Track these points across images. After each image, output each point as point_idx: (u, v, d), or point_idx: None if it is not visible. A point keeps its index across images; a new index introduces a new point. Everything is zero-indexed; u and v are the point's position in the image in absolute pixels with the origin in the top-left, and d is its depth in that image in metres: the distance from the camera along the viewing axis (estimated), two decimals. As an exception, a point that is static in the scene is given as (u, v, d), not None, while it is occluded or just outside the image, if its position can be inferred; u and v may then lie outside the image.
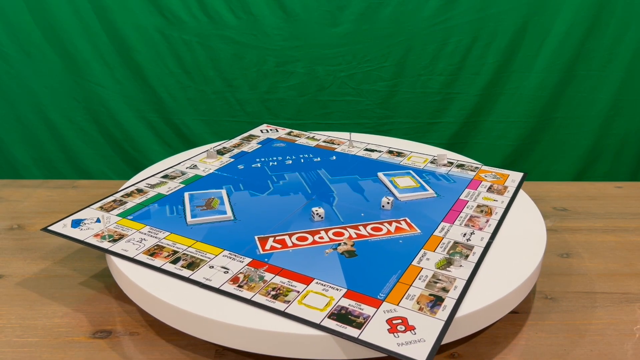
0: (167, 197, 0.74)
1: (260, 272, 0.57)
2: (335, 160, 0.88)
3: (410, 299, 0.52)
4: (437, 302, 0.52)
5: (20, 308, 0.62)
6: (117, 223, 0.67)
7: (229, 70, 1.37)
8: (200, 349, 0.55)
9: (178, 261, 0.59)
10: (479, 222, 0.68)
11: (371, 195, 0.74)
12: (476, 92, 1.39)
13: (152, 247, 0.61)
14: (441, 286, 0.54)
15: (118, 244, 0.62)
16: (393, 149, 0.92)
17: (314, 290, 0.54)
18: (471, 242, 0.63)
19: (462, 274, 0.57)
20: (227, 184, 0.79)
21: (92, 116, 1.41)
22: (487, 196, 0.75)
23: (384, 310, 0.51)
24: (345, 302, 0.52)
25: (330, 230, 0.65)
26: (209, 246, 0.62)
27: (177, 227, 0.66)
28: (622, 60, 1.36)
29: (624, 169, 1.47)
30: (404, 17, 1.33)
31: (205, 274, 0.57)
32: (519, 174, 0.83)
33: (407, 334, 0.48)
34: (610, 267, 0.72)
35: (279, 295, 0.53)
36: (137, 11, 1.31)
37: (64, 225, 0.66)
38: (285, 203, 0.73)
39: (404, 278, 0.56)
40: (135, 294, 0.56)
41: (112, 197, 0.73)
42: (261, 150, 0.93)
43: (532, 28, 1.34)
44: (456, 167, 0.85)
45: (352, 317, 0.50)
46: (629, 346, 0.57)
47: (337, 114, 1.42)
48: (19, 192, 0.91)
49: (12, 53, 1.33)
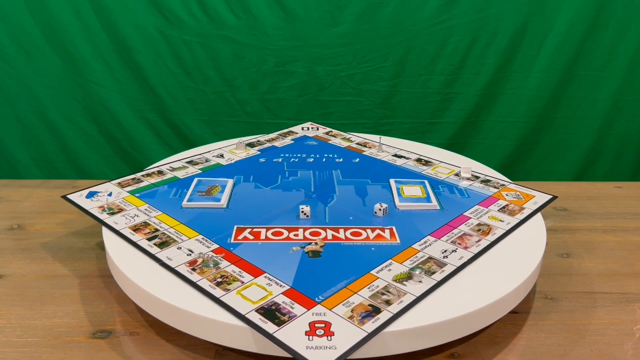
0: (180, 181, 0.78)
1: (216, 258, 0.58)
2: (357, 162, 0.87)
3: (347, 306, 0.51)
4: (371, 314, 0.50)
5: (20, 308, 0.62)
6: (123, 198, 0.72)
7: (229, 70, 1.37)
8: (200, 349, 0.55)
9: (154, 239, 0.62)
10: (468, 240, 0.63)
11: (371, 201, 0.73)
12: (476, 92, 1.39)
13: (140, 224, 0.66)
14: (386, 298, 0.52)
15: (113, 217, 0.67)
16: (422, 157, 0.89)
17: (258, 284, 0.55)
18: (447, 259, 0.59)
19: (416, 289, 0.54)
20: (239, 175, 0.81)
21: (92, 116, 1.41)
22: (495, 215, 0.69)
23: (313, 313, 0.50)
24: (280, 299, 0.52)
25: (309, 229, 0.65)
26: (188, 229, 0.65)
27: (171, 209, 0.70)
28: (622, 60, 1.36)
29: (624, 169, 1.47)
30: (404, 17, 1.33)
31: (171, 253, 0.60)
32: (545, 196, 0.75)
33: (322, 339, 0.47)
34: (610, 267, 0.72)
35: (222, 283, 0.54)
36: (137, 11, 1.31)
37: (80, 195, 0.73)
38: (284, 198, 0.74)
39: (354, 285, 0.54)
40: (135, 294, 0.56)
41: (133, 176, 0.79)
42: (291, 146, 0.94)
43: (532, 28, 1.34)
44: (480, 182, 0.79)
45: (278, 314, 0.50)
46: (629, 346, 0.57)
47: (337, 114, 1.42)
48: (19, 192, 0.91)
49: (12, 53, 1.34)
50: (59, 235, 0.77)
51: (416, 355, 0.54)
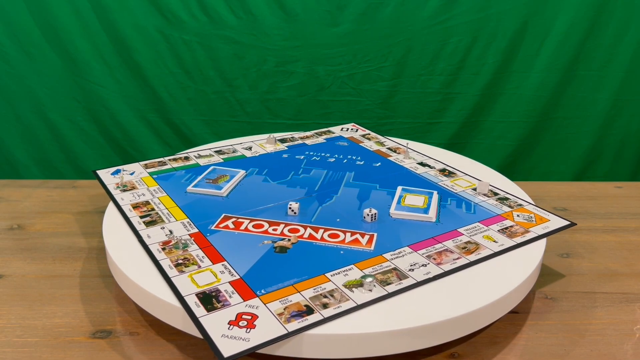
0: (199, 168, 0.81)
1: (186, 241, 0.60)
2: (378, 166, 0.84)
3: (283, 303, 0.51)
4: (302, 314, 0.49)
5: (20, 308, 0.62)
6: (141, 178, 0.76)
7: (229, 70, 1.37)
8: (200, 348, 0.55)
9: (146, 217, 0.66)
10: (446, 257, 0.59)
11: (369, 206, 0.70)
12: (476, 92, 1.39)
13: (141, 202, 0.68)
14: (326, 302, 0.51)
15: (123, 194, 0.71)
16: (448, 167, 0.84)
17: (212, 270, 0.56)
18: (411, 272, 0.56)
19: (360, 298, 0.52)
20: (255, 167, 0.82)
21: (92, 116, 1.40)
22: (490, 235, 0.64)
23: (247, 305, 0.51)
24: (224, 287, 0.53)
25: (289, 226, 0.65)
26: (180, 212, 0.68)
27: (175, 192, 0.73)
28: (622, 60, 1.36)
29: (624, 169, 1.47)
30: (404, 17, 1.33)
31: (153, 232, 0.63)
32: (561, 222, 0.68)
33: (242, 330, 0.47)
34: (610, 267, 0.72)
35: (181, 265, 0.56)
36: (137, 11, 1.31)
37: (107, 171, 0.78)
38: (284, 193, 0.74)
39: (302, 284, 0.54)
40: (135, 294, 0.56)
41: (161, 159, 0.83)
42: (321, 145, 0.93)
43: (532, 28, 1.34)
44: (497, 199, 0.73)
45: (214, 301, 0.51)
46: (629, 346, 0.57)
47: (337, 114, 1.42)
48: (19, 192, 0.91)
49: (12, 53, 1.33)
50: (59, 235, 0.77)
51: (416, 355, 0.54)
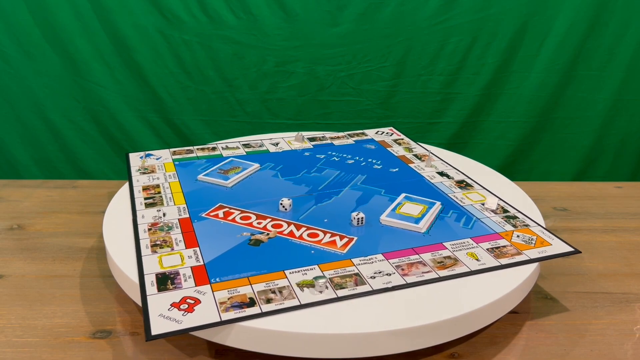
0: (221, 159, 0.83)
1: (171, 224, 0.62)
2: (394, 172, 0.82)
3: (230, 293, 0.52)
4: (242, 306, 0.50)
5: (20, 308, 0.62)
6: (163, 164, 0.80)
7: (229, 70, 1.37)
8: (200, 348, 0.55)
9: (149, 199, 0.69)
10: (414, 270, 0.57)
11: (365, 210, 0.68)
12: (476, 92, 1.39)
13: (152, 185, 0.72)
14: (270, 297, 0.52)
15: (140, 176, 0.75)
16: (468, 178, 0.80)
17: (182, 254, 0.58)
18: (371, 280, 0.55)
19: (306, 298, 0.52)
20: (272, 162, 0.83)
21: (92, 116, 1.40)
22: (475, 253, 0.60)
23: (195, 290, 0.52)
24: (184, 271, 0.55)
25: (274, 221, 0.66)
26: (181, 197, 0.70)
27: (187, 179, 0.76)
28: (622, 60, 1.36)
29: (624, 169, 1.47)
30: (404, 17, 1.33)
31: (147, 213, 0.66)
32: (564, 247, 0.62)
33: (180, 312, 0.49)
34: (610, 267, 0.72)
35: (157, 245, 0.58)
36: (137, 11, 1.31)
37: (138, 155, 0.83)
38: (287, 190, 0.75)
39: (257, 277, 0.55)
40: (136, 294, 0.56)
41: (189, 147, 0.86)
42: (348, 146, 0.92)
43: (532, 28, 1.34)
44: (503, 216, 0.69)
45: (168, 283, 0.53)
46: (629, 346, 0.57)
47: (337, 114, 1.42)
48: (19, 192, 0.91)
49: (12, 53, 1.33)
50: (59, 235, 0.77)
51: (416, 355, 0.54)
